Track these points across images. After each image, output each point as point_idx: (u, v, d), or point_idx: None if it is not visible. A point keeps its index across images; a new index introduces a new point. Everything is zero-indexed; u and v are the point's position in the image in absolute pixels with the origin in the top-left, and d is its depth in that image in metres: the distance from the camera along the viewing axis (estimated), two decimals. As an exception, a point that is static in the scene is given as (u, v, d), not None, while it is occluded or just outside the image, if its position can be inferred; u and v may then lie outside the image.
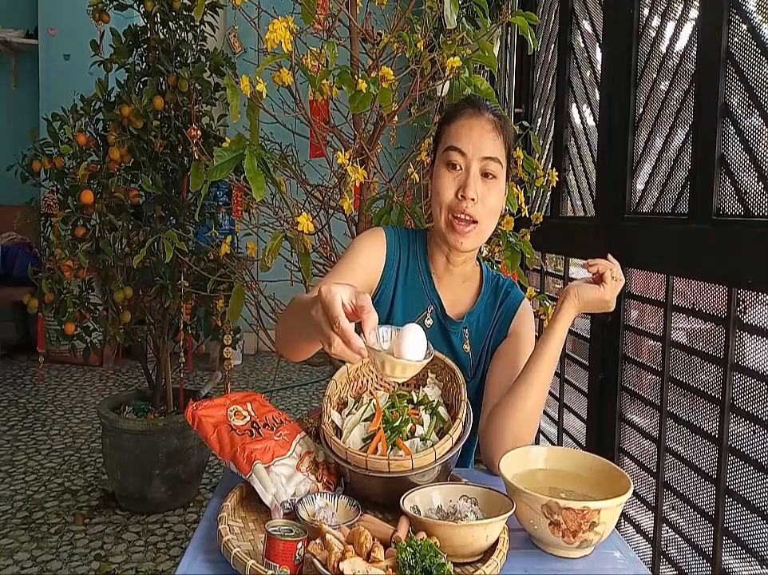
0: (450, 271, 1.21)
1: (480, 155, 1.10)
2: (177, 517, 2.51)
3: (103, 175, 2.37)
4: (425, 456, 0.90)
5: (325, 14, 1.54)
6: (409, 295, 1.20)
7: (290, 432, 1.02)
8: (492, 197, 1.11)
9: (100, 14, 2.42)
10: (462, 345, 1.20)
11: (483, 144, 1.10)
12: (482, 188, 1.10)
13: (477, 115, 1.12)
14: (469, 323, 1.21)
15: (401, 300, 1.20)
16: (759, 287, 1.34)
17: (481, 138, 1.10)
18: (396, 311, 1.20)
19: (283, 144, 1.91)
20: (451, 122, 1.14)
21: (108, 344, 2.60)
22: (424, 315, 1.19)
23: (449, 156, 1.11)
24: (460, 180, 1.10)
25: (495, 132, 1.11)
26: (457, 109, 1.14)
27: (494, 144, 1.11)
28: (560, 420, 2.47)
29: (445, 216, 1.12)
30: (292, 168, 1.75)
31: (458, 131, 1.11)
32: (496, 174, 1.11)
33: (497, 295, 1.24)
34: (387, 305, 1.20)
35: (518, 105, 3.06)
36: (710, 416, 1.50)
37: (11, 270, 4.44)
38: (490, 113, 1.13)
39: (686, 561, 1.60)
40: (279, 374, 4.56)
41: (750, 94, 1.40)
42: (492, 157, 1.10)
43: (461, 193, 1.09)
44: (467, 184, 1.09)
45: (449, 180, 1.11)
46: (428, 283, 1.21)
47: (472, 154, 1.10)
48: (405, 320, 1.17)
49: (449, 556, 0.77)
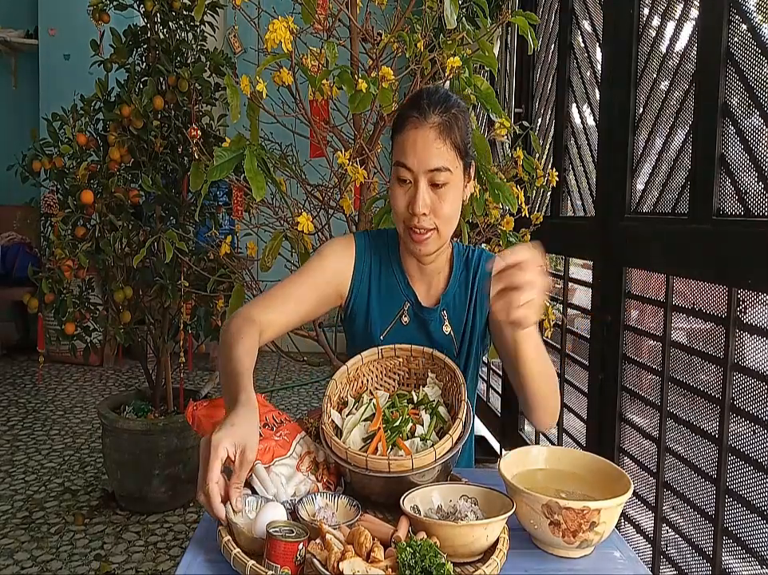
0: (422, 269, 1.20)
1: (426, 168, 1.07)
2: (177, 517, 2.51)
3: (103, 175, 2.37)
4: (425, 456, 0.90)
5: (325, 14, 1.54)
6: (384, 298, 1.20)
7: (290, 432, 1.02)
8: (446, 205, 1.09)
9: (101, 14, 2.42)
10: (441, 327, 1.19)
11: (428, 156, 1.07)
12: (433, 197, 1.08)
13: (421, 123, 1.07)
14: (445, 304, 1.20)
15: (377, 304, 1.20)
16: (759, 287, 1.34)
17: (425, 150, 1.07)
18: (372, 316, 1.20)
19: (283, 144, 1.91)
20: (397, 134, 1.11)
21: (108, 344, 2.61)
22: (401, 313, 1.20)
23: (398, 172, 1.10)
24: (410, 195, 1.09)
25: (440, 139, 1.07)
26: (403, 118, 1.10)
27: (439, 152, 1.07)
28: (560, 420, 2.47)
29: (402, 227, 1.13)
30: (292, 168, 1.75)
31: (403, 145, 1.09)
32: (446, 181, 1.08)
33: (469, 267, 1.22)
34: (363, 311, 1.21)
35: (518, 105, 3.06)
36: (710, 416, 1.50)
37: (11, 270, 4.44)
38: (436, 114, 1.08)
39: (686, 561, 1.60)
40: (278, 374, 4.56)
41: (750, 94, 1.40)
42: (438, 168, 1.07)
43: (411, 209, 1.08)
44: (415, 200, 1.07)
45: (401, 194, 1.10)
46: (402, 282, 1.21)
47: (417, 168, 1.07)
48: (383, 323, 1.19)
49: (449, 556, 0.77)
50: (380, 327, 1.20)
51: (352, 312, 1.22)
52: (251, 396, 0.92)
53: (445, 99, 1.10)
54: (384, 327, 1.20)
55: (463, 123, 1.11)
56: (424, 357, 1.10)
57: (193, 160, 1.68)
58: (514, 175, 1.85)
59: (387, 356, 1.11)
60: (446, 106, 1.09)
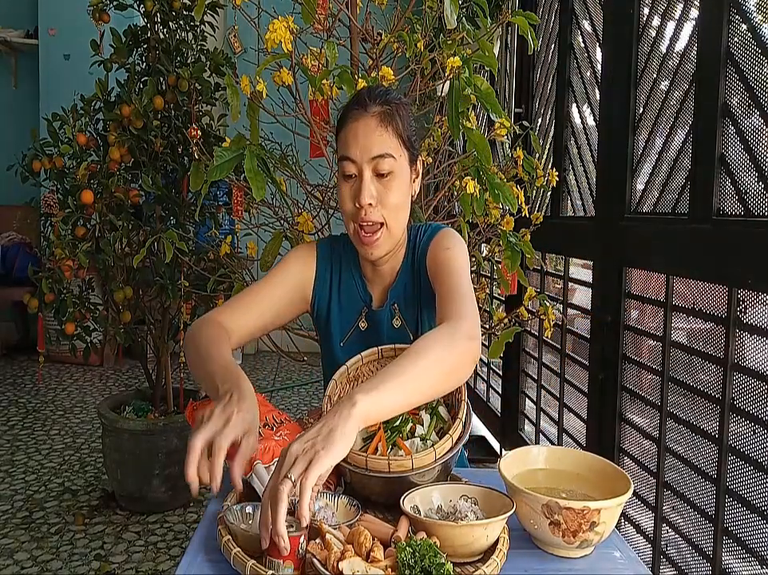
0: (376, 271, 1.20)
1: (369, 156, 1.06)
2: (177, 517, 2.51)
3: (103, 175, 2.37)
4: (425, 456, 0.90)
5: (325, 14, 1.54)
6: (345, 304, 1.20)
7: (290, 432, 1.02)
8: (392, 194, 1.08)
9: (101, 14, 2.42)
10: (391, 322, 1.18)
11: (369, 144, 1.06)
12: (378, 187, 1.08)
13: (362, 114, 1.07)
14: (395, 297, 1.18)
15: (338, 311, 1.20)
16: (759, 287, 1.34)
17: (366, 138, 1.06)
18: (332, 323, 1.20)
19: (283, 144, 1.91)
20: (340, 130, 1.11)
21: (109, 344, 2.61)
22: (359, 318, 1.19)
23: (342, 168, 1.09)
24: (355, 189, 1.08)
25: (381, 126, 1.07)
26: (346, 112, 1.11)
27: (381, 139, 1.06)
28: (560, 420, 2.47)
29: (353, 228, 1.11)
30: (292, 168, 1.75)
31: (346, 138, 1.08)
32: (391, 170, 1.07)
33: (415, 251, 1.19)
34: (324, 318, 1.21)
35: (518, 105, 3.06)
36: (711, 416, 1.50)
37: (11, 270, 4.45)
38: (376, 104, 1.08)
39: (686, 561, 1.60)
40: (278, 374, 4.56)
41: (750, 94, 1.40)
42: (381, 155, 1.06)
43: (358, 202, 1.07)
44: (360, 192, 1.06)
45: (347, 191, 1.09)
46: (360, 286, 1.20)
47: (360, 158, 1.06)
48: (343, 330, 1.19)
49: (449, 556, 0.77)
50: (340, 335, 1.20)
51: (317, 318, 1.22)
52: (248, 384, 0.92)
53: (385, 93, 1.11)
54: (344, 334, 1.20)
55: (405, 114, 1.10)
56: (424, 357, 1.10)
57: (193, 160, 1.68)
58: (514, 175, 1.85)
59: (387, 356, 1.11)
60: (386, 98, 1.09)
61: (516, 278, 1.84)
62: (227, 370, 0.95)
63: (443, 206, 1.93)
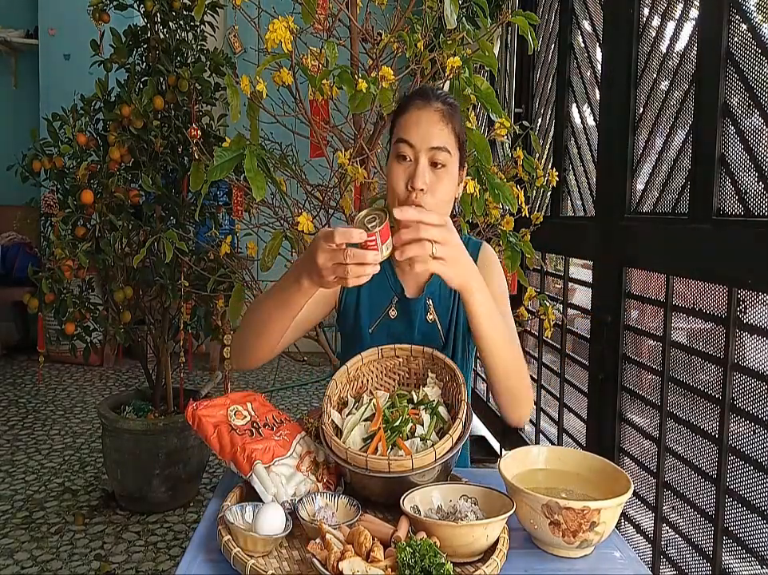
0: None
1: (428, 145, 1.10)
2: (177, 517, 2.51)
3: (103, 175, 2.37)
4: (426, 456, 0.90)
5: (325, 14, 1.54)
6: (374, 292, 1.22)
7: (290, 432, 1.02)
8: (443, 187, 1.11)
9: (101, 14, 2.42)
10: (426, 316, 1.20)
11: (430, 134, 1.10)
12: (432, 177, 1.10)
13: (426, 106, 1.12)
14: (430, 293, 1.21)
15: (367, 299, 1.22)
16: (759, 287, 1.34)
17: (429, 129, 1.10)
18: (362, 310, 1.22)
19: (283, 144, 1.91)
20: (400, 115, 1.15)
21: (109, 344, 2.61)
22: (389, 307, 1.21)
23: (398, 149, 1.12)
24: (409, 172, 1.11)
25: (443, 121, 1.11)
26: (407, 101, 1.15)
27: (441, 133, 1.11)
28: (560, 420, 2.47)
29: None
30: (292, 168, 1.75)
31: (406, 122, 1.12)
32: (445, 163, 1.11)
33: None
34: (353, 306, 1.23)
35: (518, 105, 3.06)
36: (710, 416, 1.50)
37: (11, 270, 4.44)
38: (439, 101, 1.13)
39: (686, 561, 1.60)
40: (279, 374, 4.56)
41: (750, 94, 1.40)
42: (439, 147, 1.10)
43: (411, 184, 1.09)
44: (416, 175, 1.09)
45: (400, 173, 1.11)
46: (390, 276, 1.22)
47: (419, 145, 1.10)
48: (372, 317, 1.21)
49: (449, 556, 0.77)
50: (368, 321, 1.21)
51: (344, 308, 1.24)
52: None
53: (446, 94, 1.16)
54: (373, 321, 1.21)
55: (461, 118, 1.16)
56: (424, 357, 1.10)
57: (193, 160, 1.68)
58: (514, 175, 1.85)
59: (387, 356, 1.11)
60: (448, 99, 1.14)
61: (516, 278, 1.84)
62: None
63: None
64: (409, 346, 1.11)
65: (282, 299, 1.01)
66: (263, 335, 1.08)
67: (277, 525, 0.83)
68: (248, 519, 0.86)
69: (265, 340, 1.09)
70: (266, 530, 0.82)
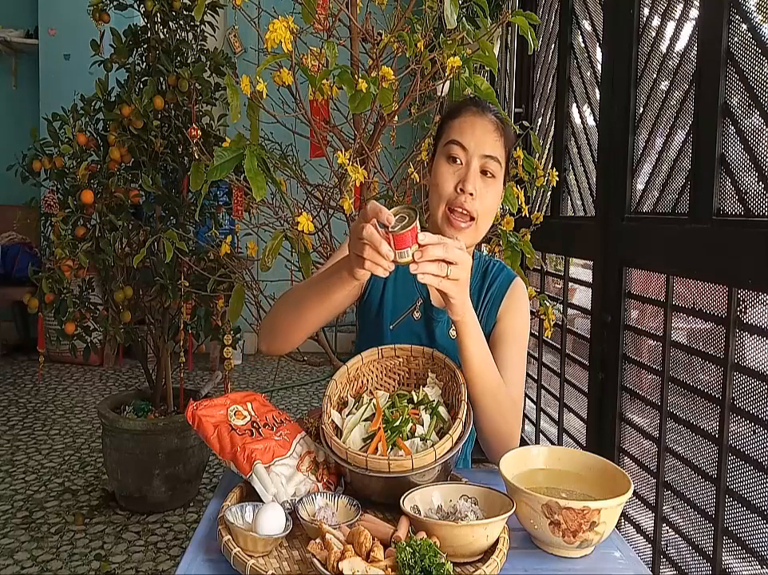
0: None
1: (482, 152, 1.10)
2: (177, 517, 2.51)
3: (103, 175, 2.37)
4: (426, 456, 0.90)
5: (325, 14, 1.54)
6: (399, 291, 1.21)
7: (290, 432, 1.02)
8: (490, 196, 1.12)
9: (101, 14, 2.42)
10: (448, 331, 1.19)
11: (485, 141, 1.11)
12: (481, 184, 1.11)
13: (481, 114, 1.13)
14: None
15: (392, 296, 1.21)
16: (759, 287, 1.34)
17: (484, 136, 1.11)
18: (386, 307, 1.21)
19: (283, 144, 1.91)
20: (454, 118, 1.15)
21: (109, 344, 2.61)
22: (413, 308, 1.20)
23: (450, 150, 1.12)
24: (459, 175, 1.11)
25: (497, 132, 1.13)
26: (461, 106, 1.16)
27: (495, 144, 1.12)
28: (560, 420, 2.47)
29: (443, 210, 1.13)
30: (292, 168, 1.75)
31: (461, 126, 1.12)
32: (495, 173, 1.12)
33: (486, 278, 1.22)
34: (377, 301, 1.22)
35: (518, 105, 3.06)
36: (711, 416, 1.50)
37: (11, 270, 4.44)
38: (493, 114, 1.14)
39: (686, 561, 1.60)
40: (278, 374, 4.56)
41: (750, 94, 1.40)
42: (492, 156, 1.11)
43: (461, 187, 1.10)
44: (467, 179, 1.10)
45: (449, 174, 1.12)
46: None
47: (473, 150, 1.10)
48: (395, 315, 1.20)
49: (449, 556, 0.77)
50: (391, 318, 1.21)
51: (367, 301, 1.23)
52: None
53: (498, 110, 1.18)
54: (395, 318, 1.20)
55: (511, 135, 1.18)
56: (424, 357, 1.10)
57: (193, 160, 1.68)
58: (514, 175, 1.85)
59: (387, 356, 1.11)
60: (499, 115, 1.16)
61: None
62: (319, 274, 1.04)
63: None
64: (409, 346, 1.11)
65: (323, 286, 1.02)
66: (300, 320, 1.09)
67: (277, 525, 0.83)
68: (248, 519, 0.86)
69: (302, 326, 1.10)
70: (266, 530, 0.82)
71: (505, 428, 1.07)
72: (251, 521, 0.85)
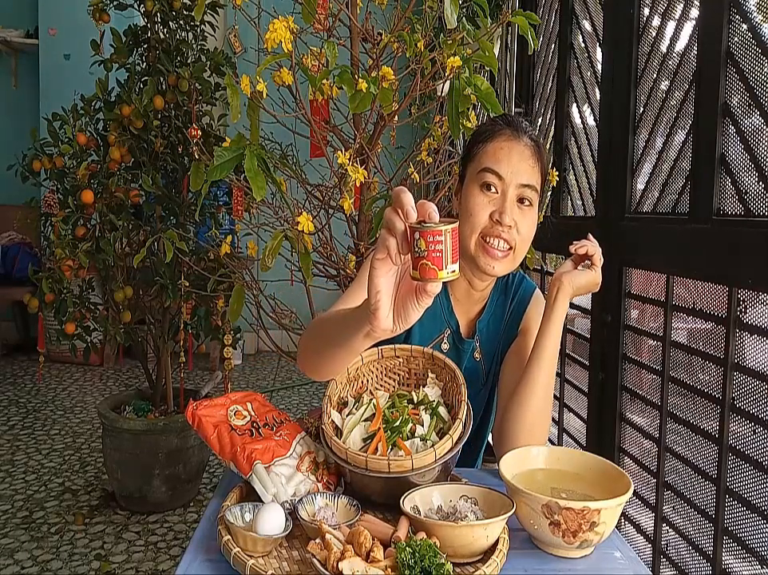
0: (470, 295, 1.18)
1: (519, 181, 1.06)
2: (177, 517, 2.51)
3: (103, 175, 2.37)
4: (425, 456, 0.90)
5: (325, 14, 1.54)
6: (426, 320, 1.15)
7: (290, 432, 1.02)
8: (527, 224, 1.09)
9: (101, 14, 2.42)
10: (473, 354, 1.19)
11: (521, 170, 1.07)
12: (518, 213, 1.07)
13: (516, 138, 1.08)
14: (479, 330, 1.20)
15: (419, 325, 1.14)
16: (759, 287, 1.34)
17: (520, 164, 1.07)
18: (414, 336, 1.19)
19: (283, 144, 1.91)
20: (488, 142, 1.10)
21: (109, 344, 2.60)
22: (440, 338, 1.18)
23: (484, 178, 1.07)
24: (495, 204, 1.07)
25: (533, 158, 1.08)
26: (495, 129, 1.10)
27: (532, 171, 1.08)
28: (560, 420, 2.46)
29: (477, 239, 1.09)
30: (292, 168, 1.75)
31: (496, 153, 1.08)
32: (532, 201, 1.08)
33: (508, 293, 1.22)
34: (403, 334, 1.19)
35: (518, 105, 3.06)
36: (711, 416, 1.50)
37: (11, 270, 4.44)
38: (528, 137, 1.09)
39: (686, 561, 1.60)
40: (278, 374, 4.56)
41: (750, 94, 1.40)
42: (529, 185, 1.07)
43: (497, 218, 1.06)
44: (503, 210, 1.06)
45: (484, 202, 1.07)
46: (446, 307, 1.19)
47: (509, 179, 1.06)
48: (422, 344, 1.15)
49: (449, 556, 0.77)
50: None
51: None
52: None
53: (533, 129, 1.13)
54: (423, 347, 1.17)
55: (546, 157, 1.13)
56: (424, 357, 1.10)
57: (193, 160, 1.68)
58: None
59: (387, 356, 1.11)
60: (535, 136, 1.11)
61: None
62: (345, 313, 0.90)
63: (443, 206, 1.93)
64: (409, 346, 1.11)
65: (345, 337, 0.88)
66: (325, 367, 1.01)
67: (277, 525, 0.83)
68: (248, 519, 0.86)
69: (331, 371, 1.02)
70: (266, 530, 0.82)
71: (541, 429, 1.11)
72: (251, 521, 0.85)
